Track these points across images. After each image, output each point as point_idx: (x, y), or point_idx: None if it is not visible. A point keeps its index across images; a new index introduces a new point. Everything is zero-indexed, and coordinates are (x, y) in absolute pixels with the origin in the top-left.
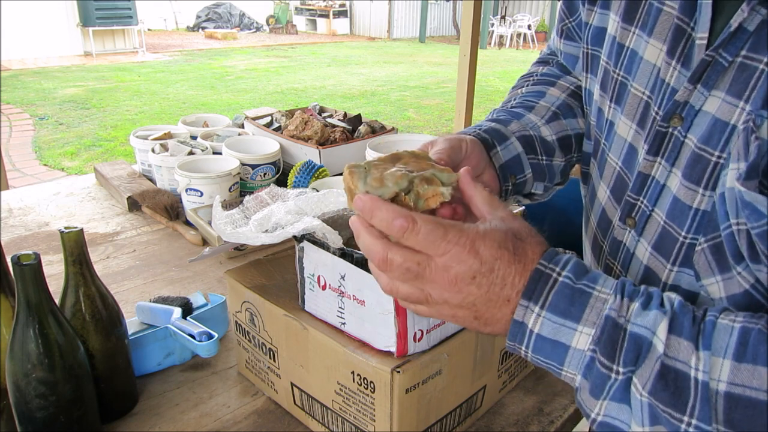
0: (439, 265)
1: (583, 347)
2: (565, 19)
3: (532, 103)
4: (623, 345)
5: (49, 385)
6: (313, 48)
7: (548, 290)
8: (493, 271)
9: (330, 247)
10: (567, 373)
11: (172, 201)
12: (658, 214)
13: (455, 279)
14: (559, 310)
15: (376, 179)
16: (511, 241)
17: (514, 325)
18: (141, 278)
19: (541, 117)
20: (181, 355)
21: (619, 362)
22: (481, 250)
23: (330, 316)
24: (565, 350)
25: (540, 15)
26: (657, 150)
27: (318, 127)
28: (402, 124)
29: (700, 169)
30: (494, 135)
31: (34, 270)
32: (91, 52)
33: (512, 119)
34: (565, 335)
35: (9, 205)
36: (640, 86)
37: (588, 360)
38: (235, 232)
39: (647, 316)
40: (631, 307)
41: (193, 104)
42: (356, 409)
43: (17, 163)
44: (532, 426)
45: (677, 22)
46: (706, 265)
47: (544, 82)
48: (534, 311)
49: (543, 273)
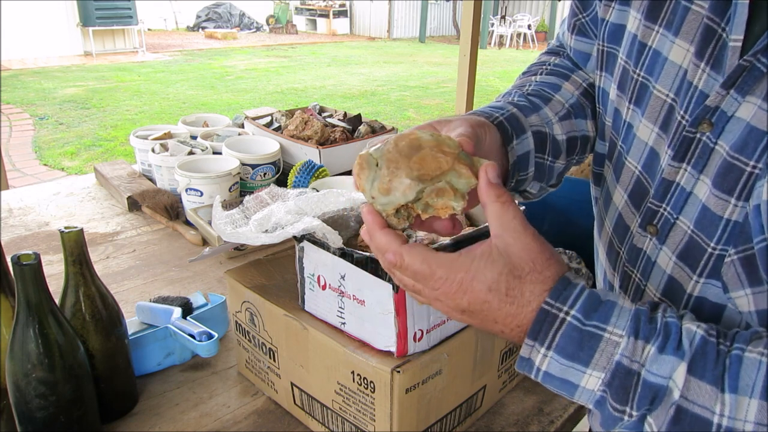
0: (432, 295)
1: (592, 388)
2: (578, 14)
3: (549, 95)
4: (637, 391)
5: (49, 385)
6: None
7: (554, 331)
8: (482, 311)
9: (330, 247)
10: (579, 401)
11: (172, 201)
12: (684, 223)
13: (449, 309)
14: (567, 353)
15: (383, 189)
16: (505, 282)
17: (521, 360)
18: (141, 278)
19: (555, 113)
20: (181, 355)
21: (632, 407)
22: (468, 293)
23: (330, 316)
24: (574, 388)
25: (540, 15)
26: (683, 156)
27: (318, 127)
28: (402, 124)
29: (732, 178)
30: (515, 125)
31: (34, 270)
32: (91, 52)
33: (533, 110)
34: (574, 376)
35: (9, 205)
36: (663, 88)
37: (599, 397)
38: (235, 232)
39: (663, 362)
40: (645, 350)
41: (193, 104)
42: (356, 409)
43: (17, 163)
44: (532, 426)
45: (707, 22)
46: (736, 277)
47: (559, 74)
48: (540, 352)
49: (549, 313)
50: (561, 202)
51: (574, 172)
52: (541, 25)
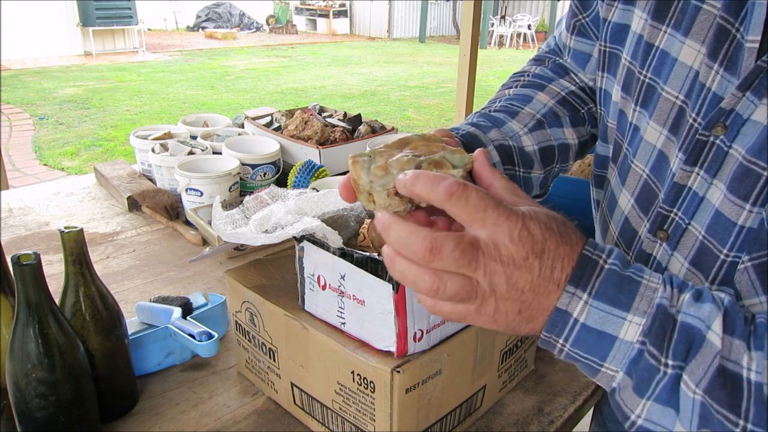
0: (491, 245)
1: (631, 339)
2: (578, 14)
3: (517, 109)
4: (673, 336)
5: (49, 385)
6: (313, 48)
7: (596, 277)
8: (544, 251)
9: (330, 247)
10: (607, 369)
11: (172, 201)
12: (696, 228)
13: (508, 260)
14: (608, 297)
15: (380, 167)
16: (554, 222)
17: (556, 313)
18: (141, 278)
19: (523, 125)
20: (181, 355)
21: (668, 354)
22: (531, 228)
23: (330, 316)
24: (611, 342)
25: (540, 15)
26: (695, 160)
27: (318, 127)
28: (402, 124)
29: (748, 183)
30: (472, 141)
31: (34, 270)
32: (91, 52)
33: (492, 126)
34: (613, 325)
35: (9, 205)
36: (673, 90)
37: (635, 353)
38: (235, 233)
39: (701, 307)
40: (681, 297)
41: (193, 104)
42: (356, 409)
43: (17, 163)
44: (532, 426)
45: (720, 22)
46: (749, 284)
47: (534, 85)
48: (581, 299)
49: (590, 259)
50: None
51: (574, 172)
52: (541, 25)
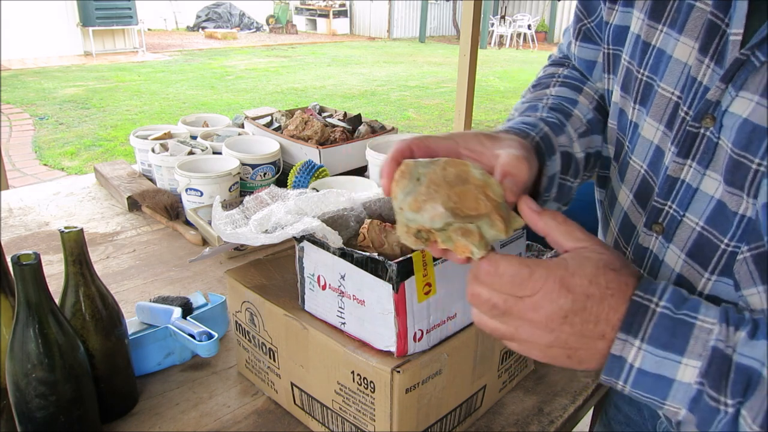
0: (528, 305)
1: (689, 380)
2: (583, 20)
3: (569, 111)
4: (730, 376)
5: (49, 385)
6: (313, 48)
7: (647, 322)
8: (585, 309)
9: (330, 247)
10: (670, 407)
11: (172, 201)
12: (692, 220)
13: (546, 319)
14: (661, 342)
15: (414, 205)
16: (603, 274)
17: (612, 360)
18: (141, 278)
19: (575, 130)
20: (181, 355)
21: (727, 394)
22: (571, 290)
23: (330, 316)
24: (668, 384)
25: (540, 15)
26: (687, 152)
27: (318, 126)
28: (402, 124)
29: (741, 175)
30: (548, 146)
31: (34, 270)
32: (91, 52)
33: (560, 129)
34: (669, 369)
35: (9, 205)
36: (668, 86)
37: (695, 393)
38: (235, 233)
39: (756, 346)
40: (737, 336)
41: (193, 104)
42: (356, 409)
43: (17, 163)
44: (532, 426)
45: (711, 18)
46: (748, 275)
47: (572, 86)
48: (634, 345)
49: (641, 305)
50: None
51: None
52: (541, 25)
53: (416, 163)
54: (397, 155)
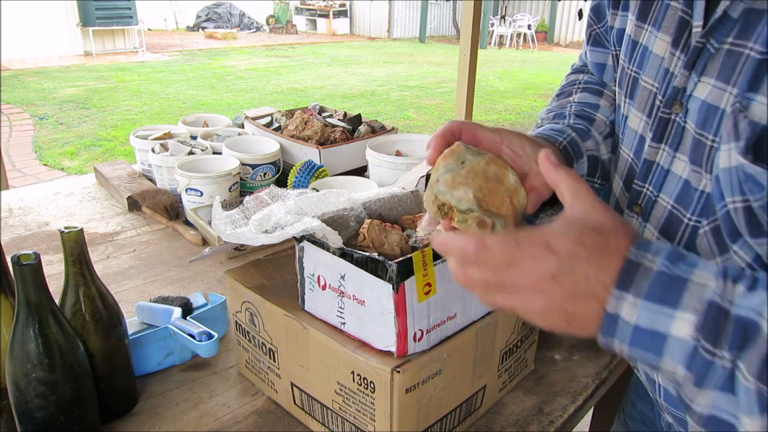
0: (518, 272)
1: (684, 335)
2: (593, 25)
3: (592, 116)
4: (727, 329)
5: (49, 385)
6: (313, 48)
7: (642, 278)
8: (572, 268)
9: (330, 247)
10: (667, 366)
11: (172, 201)
12: (664, 200)
13: (535, 282)
14: (656, 297)
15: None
16: (589, 236)
17: (607, 318)
18: (141, 278)
19: (600, 133)
20: (181, 355)
21: (723, 347)
22: (556, 252)
23: (330, 316)
24: (663, 340)
25: (540, 15)
26: (661, 137)
27: (318, 127)
28: (402, 124)
29: (700, 153)
30: (575, 150)
31: (34, 270)
32: (91, 52)
33: (587, 135)
34: (663, 323)
35: (9, 205)
36: (649, 79)
37: (690, 349)
38: (235, 233)
39: (754, 297)
40: (735, 289)
41: (193, 104)
42: (356, 409)
43: (17, 163)
44: (532, 426)
45: (681, 15)
46: (708, 248)
47: (593, 90)
48: (628, 301)
49: (635, 263)
50: None
51: None
52: (541, 25)
53: (467, 149)
54: (447, 133)
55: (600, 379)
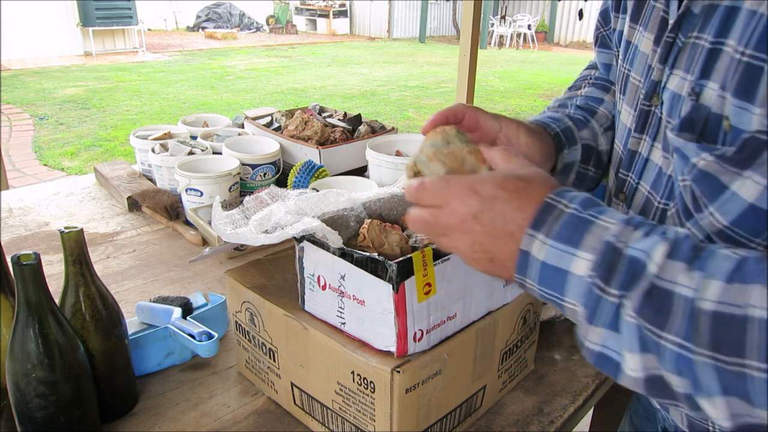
0: (447, 212)
1: (582, 273)
2: (600, 28)
3: (595, 109)
4: (619, 268)
5: (49, 385)
6: (313, 48)
7: (554, 220)
8: (492, 209)
9: (330, 247)
10: (568, 304)
11: (172, 201)
12: (644, 186)
13: (460, 221)
14: (563, 237)
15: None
16: (512, 182)
17: (521, 255)
18: (141, 278)
19: (601, 125)
20: (181, 355)
21: (613, 285)
22: (480, 192)
23: (330, 316)
24: (565, 277)
25: (540, 15)
26: (642, 127)
27: (318, 127)
28: (402, 124)
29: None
30: (568, 137)
31: (34, 270)
32: (91, 52)
33: (584, 125)
34: (566, 262)
35: (9, 205)
36: (636, 75)
37: (586, 287)
38: (235, 233)
39: (646, 240)
40: (633, 234)
41: (193, 104)
42: (356, 409)
43: (17, 163)
44: (532, 426)
45: (662, 14)
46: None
47: (600, 86)
48: (539, 239)
49: (550, 205)
50: None
51: None
52: (541, 25)
53: (457, 133)
54: (450, 113)
55: (600, 379)
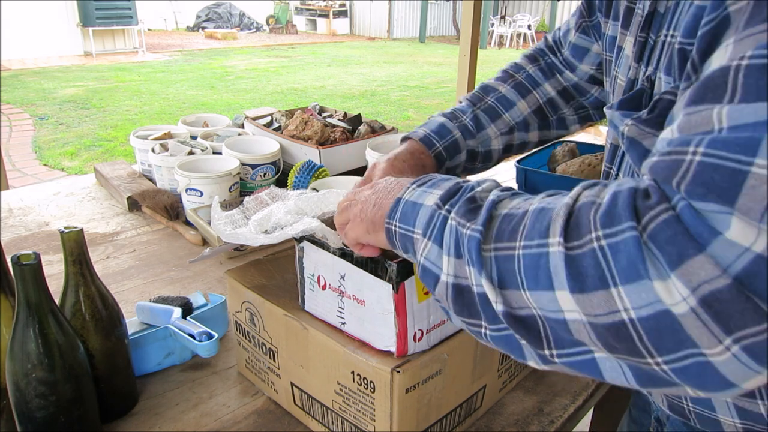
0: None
1: (430, 203)
2: (584, 17)
3: (500, 113)
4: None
5: (49, 385)
6: (313, 48)
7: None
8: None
9: (330, 247)
10: (416, 235)
11: (172, 201)
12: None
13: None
14: (430, 184)
15: None
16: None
17: (395, 202)
18: (141, 278)
19: (498, 130)
20: (181, 355)
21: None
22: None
23: (330, 316)
24: (419, 208)
25: (540, 15)
26: None
27: (318, 127)
28: (402, 124)
29: None
30: (451, 151)
31: (34, 270)
32: (91, 52)
33: (475, 132)
34: (424, 198)
35: (9, 205)
36: (622, 76)
37: (431, 210)
38: (235, 233)
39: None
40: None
41: (193, 104)
42: (356, 409)
43: (17, 163)
44: (532, 426)
45: (640, 20)
46: None
47: (522, 87)
48: (411, 188)
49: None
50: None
51: (574, 173)
52: (541, 25)
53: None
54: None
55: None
